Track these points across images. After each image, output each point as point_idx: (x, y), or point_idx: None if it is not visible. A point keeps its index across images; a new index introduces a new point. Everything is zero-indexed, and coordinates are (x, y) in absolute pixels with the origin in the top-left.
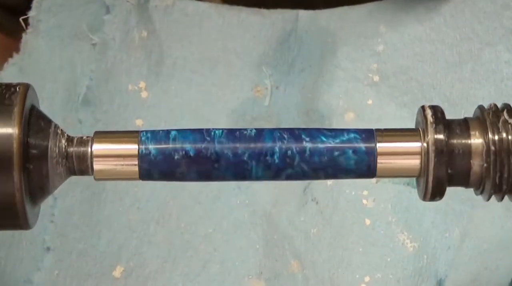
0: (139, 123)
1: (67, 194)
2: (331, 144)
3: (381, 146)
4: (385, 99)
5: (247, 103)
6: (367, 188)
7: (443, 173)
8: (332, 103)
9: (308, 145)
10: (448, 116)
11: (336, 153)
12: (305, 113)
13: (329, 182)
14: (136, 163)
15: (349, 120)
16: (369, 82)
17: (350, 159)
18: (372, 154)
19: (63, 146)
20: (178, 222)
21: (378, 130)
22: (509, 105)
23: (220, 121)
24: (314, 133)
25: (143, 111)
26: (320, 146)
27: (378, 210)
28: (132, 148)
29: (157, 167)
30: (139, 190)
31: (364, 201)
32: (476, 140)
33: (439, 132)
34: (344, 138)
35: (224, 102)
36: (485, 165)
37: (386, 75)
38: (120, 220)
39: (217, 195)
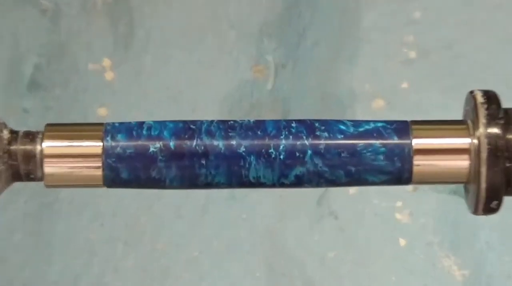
0: (102, 113)
1: (7, 205)
2: (353, 135)
3: (418, 142)
4: (424, 82)
5: (244, 87)
6: (401, 197)
7: (499, 177)
8: (355, 87)
9: (323, 134)
10: (506, 104)
11: (360, 146)
12: (320, 100)
13: (352, 190)
14: (100, 164)
15: (378, 109)
16: (404, 60)
17: (378, 153)
18: (406, 153)
19: (4, 143)
20: (153, 242)
21: (414, 122)
22: None
23: (209, 110)
24: (332, 123)
25: (107, 97)
26: (339, 136)
27: (416, 226)
28: (94, 144)
29: (128, 169)
30: (102, 201)
31: (398, 215)
32: None
33: (494, 125)
34: (370, 130)
35: (213, 86)
36: None
37: (425, 50)
38: (78, 240)
39: (204, 206)
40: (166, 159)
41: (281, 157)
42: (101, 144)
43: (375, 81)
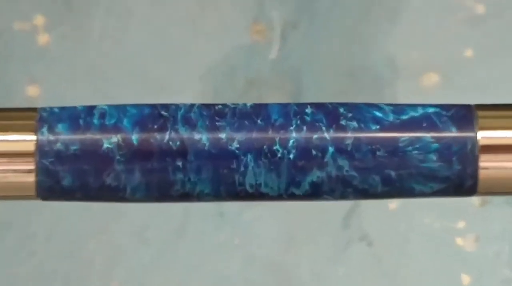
0: (33, 93)
1: None
2: (393, 125)
3: (486, 136)
4: (495, 49)
5: (238, 55)
6: (463, 215)
7: None
8: (396, 57)
9: (351, 125)
10: None
11: (403, 141)
12: (346, 74)
13: (392, 204)
14: (32, 167)
15: (429, 86)
16: (467, 17)
17: (429, 151)
18: (469, 151)
19: None
20: (105, 279)
21: (481, 106)
22: None
23: (187, 89)
24: (363, 108)
25: (40, 70)
26: (374, 127)
27: (486, 256)
28: (24, 139)
29: (72, 173)
30: (36, 220)
31: (459, 241)
32: None
33: None
34: (418, 118)
35: (194, 55)
36: None
37: (499, 2)
38: (1, 275)
39: (180, 227)
40: (126, 159)
41: (291, 156)
42: (34, 137)
43: (425, 47)
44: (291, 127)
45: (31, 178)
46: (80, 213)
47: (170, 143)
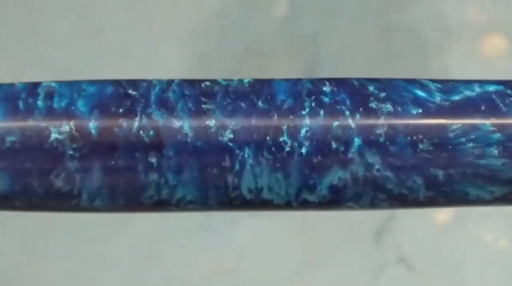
0: None
1: None
2: (441, 108)
3: None
4: None
5: (234, 11)
6: None
7: None
8: (449, 13)
9: (384, 107)
10: None
11: (453, 130)
12: (378, 38)
13: (440, 214)
14: None
15: (492, 54)
16: None
17: (489, 144)
18: None
19: None
20: None
21: None
22: None
23: (165, 56)
24: (400, 86)
25: None
26: (415, 111)
27: None
28: None
29: (9, 174)
30: None
31: None
32: None
33: None
34: (474, 99)
35: (174, 9)
36: None
37: None
38: None
39: (155, 245)
40: (82, 155)
41: (303, 150)
42: None
43: (488, 2)
44: (304, 112)
45: None
46: (20, 230)
47: (141, 132)
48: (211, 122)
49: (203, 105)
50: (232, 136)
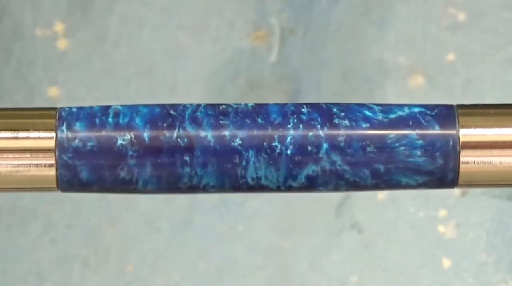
0: (53, 93)
1: None
2: (382, 123)
3: (467, 133)
4: (477, 53)
5: (240, 58)
6: (445, 205)
7: None
8: (386, 59)
9: (343, 123)
10: None
11: (391, 138)
12: (340, 76)
13: (381, 195)
14: (53, 161)
15: (415, 87)
16: (450, 23)
17: (414, 147)
18: (451, 147)
19: None
20: (121, 263)
21: (462, 106)
22: None
23: (194, 91)
24: (354, 107)
25: (60, 73)
26: (364, 125)
27: (465, 242)
28: (45, 136)
29: (89, 168)
30: (54, 210)
31: (441, 228)
32: None
33: None
34: (404, 116)
35: (199, 59)
36: None
37: (478, 11)
38: (22, 259)
39: (187, 217)
40: (138, 155)
41: (289, 152)
42: (53, 134)
43: (412, 51)
44: (289, 126)
45: (52, 172)
46: (96, 204)
47: (179, 139)
48: (226, 133)
49: (220, 121)
50: (240, 142)
